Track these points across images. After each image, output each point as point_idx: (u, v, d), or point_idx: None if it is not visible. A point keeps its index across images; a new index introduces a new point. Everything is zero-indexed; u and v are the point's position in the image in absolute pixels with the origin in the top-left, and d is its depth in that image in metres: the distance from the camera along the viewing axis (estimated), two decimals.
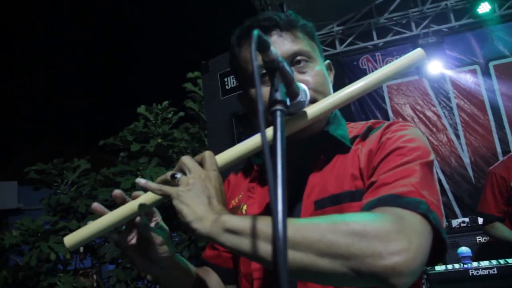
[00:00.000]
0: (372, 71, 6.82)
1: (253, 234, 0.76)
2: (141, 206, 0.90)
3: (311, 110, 0.94)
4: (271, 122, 1.03)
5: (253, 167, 1.17)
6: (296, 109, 0.93)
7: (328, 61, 1.16)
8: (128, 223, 0.94)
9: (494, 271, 2.49)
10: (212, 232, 0.78)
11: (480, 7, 6.30)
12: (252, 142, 0.93)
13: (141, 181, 0.88)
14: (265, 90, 1.02)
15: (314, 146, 1.08)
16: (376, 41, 7.29)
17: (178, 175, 0.85)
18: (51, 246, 4.01)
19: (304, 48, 1.05)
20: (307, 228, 0.75)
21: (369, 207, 0.82)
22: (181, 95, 4.99)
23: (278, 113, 0.72)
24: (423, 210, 0.78)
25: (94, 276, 5.85)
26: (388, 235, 0.72)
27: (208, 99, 2.93)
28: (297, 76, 1.00)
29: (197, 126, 5.05)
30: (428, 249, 0.75)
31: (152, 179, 3.43)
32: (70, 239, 0.93)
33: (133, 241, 0.97)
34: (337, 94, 0.94)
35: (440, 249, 0.83)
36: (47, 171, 4.70)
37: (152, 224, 1.00)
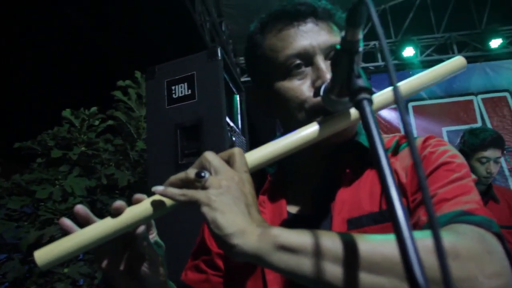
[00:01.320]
0: None
1: (317, 253, 0.60)
2: (147, 213, 0.71)
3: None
4: (302, 120, 0.90)
5: (266, 177, 1.02)
6: (344, 108, 0.80)
7: None
8: (122, 236, 0.74)
9: None
10: (261, 250, 0.61)
11: (405, 50, 6.73)
12: (290, 140, 0.78)
13: (158, 188, 0.69)
14: (297, 84, 0.90)
15: (339, 157, 0.96)
16: None
17: (206, 175, 0.67)
18: None
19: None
20: (386, 246, 0.61)
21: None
22: (107, 104, 4.68)
23: (366, 102, 0.58)
24: (497, 230, 0.70)
25: None
26: (480, 256, 0.62)
27: (151, 107, 2.71)
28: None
29: (119, 137, 4.74)
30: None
31: (73, 190, 3.10)
32: (43, 256, 0.68)
33: (125, 261, 0.77)
34: (383, 94, 0.83)
35: None
36: None
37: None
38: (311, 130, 0.80)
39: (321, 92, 0.83)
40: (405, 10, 7.19)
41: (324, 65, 0.90)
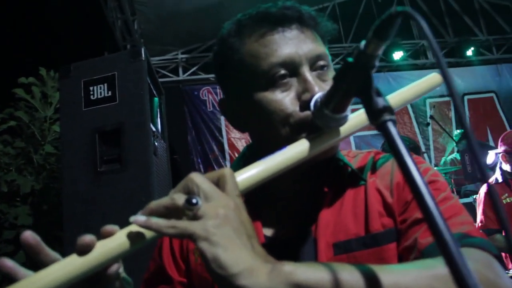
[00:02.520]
0: (213, 103, 6.88)
1: None
2: (122, 249, 0.60)
3: (347, 126, 0.78)
4: (286, 136, 0.83)
5: None
6: (337, 124, 0.75)
7: None
8: (90, 276, 0.60)
9: None
10: None
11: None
12: (281, 159, 0.72)
13: (139, 219, 0.58)
14: (281, 97, 0.83)
15: (318, 175, 0.91)
16: None
17: (199, 201, 0.58)
18: None
19: (325, 52, 0.89)
20: (407, 277, 0.58)
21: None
22: (6, 103, 4.26)
23: (391, 123, 0.54)
24: (495, 252, 0.70)
25: None
26: (495, 281, 0.62)
27: (66, 109, 2.48)
28: (318, 82, 0.84)
29: (19, 139, 4.33)
30: None
31: None
32: None
33: None
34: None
35: None
36: None
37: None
38: (302, 147, 0.75)
39: (312, 107, 0.77)
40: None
41: (312, 77, 0.84)
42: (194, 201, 0.57)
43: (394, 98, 0.82)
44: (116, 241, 0.59)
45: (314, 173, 0.91)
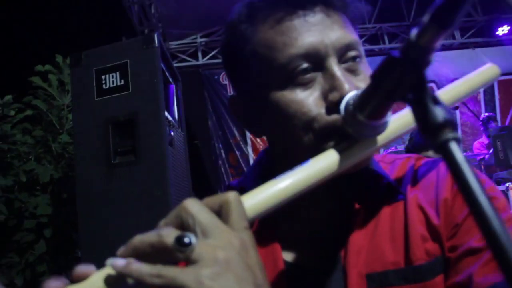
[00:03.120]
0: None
1: None
2: None
3: (386, 132, 0.64)
4: (309, 144, 0.67)
5: None
6: (373, 133, 0.62)
7: None
8: None
9: None
10: None
11: None
12: (304, 176, 0.59)
13: (117, 264, 0.46)
14: (304, 96, 0.68)
15: (348, 189, 0.76)
16: None
17: (192, 240, 0.45)
18: None
19: (357, 40, 0.72)
20: None
21: None
22: (23, 92, 4.21)
23: (454, 144, 0.41)
24: None
25: None
26: None
27: (78, 99, 2.40)
28: (349, 79, 0.68)
29: (39, 128, 4.30)
30: None
31: None
32: None
33: None
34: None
35: None
36: None
37: None
38: (329, 161, 0.61)
39: (342, 110, 0.63)
40: None
41: (341, 72, 0.68)
42: (186, 240, 0.45)
43: (446, 94, 0.68)
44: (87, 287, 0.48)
45: (343, 185, 0.77)
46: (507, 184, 3.56)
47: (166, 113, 2.39)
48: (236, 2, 0.80)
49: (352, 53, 0.71)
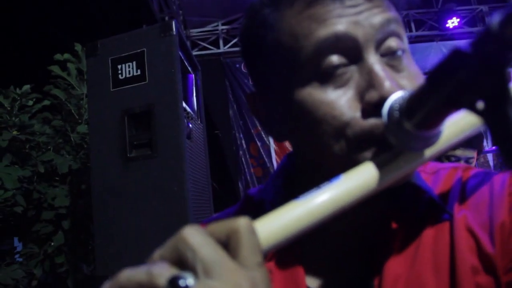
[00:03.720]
0: None
1: None
2: None
3: (437, 144, 0.52)
4: (341, 154, 0.57)
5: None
6: (422, 145, 0.50)
7: None
8: None
9: None
10: None
11: None
12: (334, 196, 0.47)
13: None
14: (336, 96, 0.55)
15: (384, 207, 0.64)
16: None
17: (189, 283, 0.34)
18: None
19: (402, 28, 0.60)
20: None
21: None
22: (42, 81, 4.18)
23: None
24: None
25: None
26: None
27: (94, 89, 2.32)
28: (391, 75, 0.55)
29: (59, 117, 4.26)
30: None
31: (3, 182, 2.68)
32: None
33: None
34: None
35: None
36: None
37: None
38: (367, 177, 0.49)
39: (385, 115, 0.51)
40: None
41: (381, 66, 0.56)
42: (182, 284, 0.34)
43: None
44: None
45: (378, 201, 0.63)
46: None
47: (184, 104, 2.29)
48: None
49: (394, 44, 0.59)
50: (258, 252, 0.38)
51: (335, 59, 0.56)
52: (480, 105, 0.35)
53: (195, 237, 0.37)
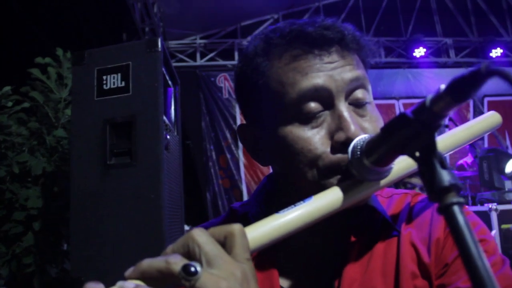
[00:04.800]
0: (229, 91, 6.78)
1: None
2: None
3: (389, 176, 0.68)
4: (313, 180, 0.72)
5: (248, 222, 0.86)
6: (377, 177, 0.66)
7: None
8: None
9: None
10: None
11: None
12: (307, 211, 0.63)
13: (127, 286, 0.49)
14: (311, 134, 0.72)
15: (345, 223, 0.80)
16: (236, 62, 7.36)
17: (198, 270, 0.49)
18: None
19: (367, 82, 0.77)
20: None
21: None
22: (20, 84, 4.22)
23: (457, 209, 0.45)
24: None
25: None
26: None
27: (78, 97, 2.42)
28: (355, 120, 0.72)
29: (34, 119, 4.30)
30: None
31: None
32: None
33: None
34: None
35: None
36: None
37: None
38: (332, 198, 0.65)
39: (349, 153, 0.67)
40: (337, 11, 7.30)
41: (348, 113, 0.72)
42: (192, 269, 0.49)
43: (446, 140, 0.72)
44: None
45: (340, 218, 0.78)
46: (490, 205, 3.63)
47: (164, 118, 2.43)
48: (237, 5, 0.84)
49: (361, 95, 0.75)
50: (247, 251, 0.55)
51: (313, 105, 0.73)
52: (417, 153, 0.52)
53: (201, 237, 0.52)
